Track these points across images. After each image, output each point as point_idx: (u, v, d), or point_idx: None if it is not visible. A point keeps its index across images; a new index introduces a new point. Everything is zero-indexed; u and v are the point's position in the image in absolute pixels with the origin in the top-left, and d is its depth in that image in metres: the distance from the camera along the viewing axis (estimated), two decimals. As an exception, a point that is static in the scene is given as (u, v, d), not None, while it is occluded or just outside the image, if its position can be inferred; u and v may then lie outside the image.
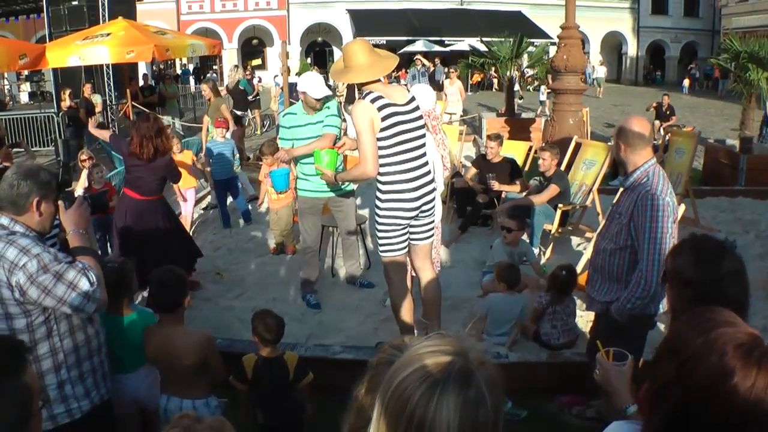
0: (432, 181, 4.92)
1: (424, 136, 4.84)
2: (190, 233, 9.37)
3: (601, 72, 36.35)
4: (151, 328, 3.86)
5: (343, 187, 6.15)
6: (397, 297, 5.11)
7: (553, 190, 8.02)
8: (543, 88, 25.66)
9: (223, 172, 9.60)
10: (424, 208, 4.82)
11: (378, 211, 4.81)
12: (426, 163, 4.84)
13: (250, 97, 16.23)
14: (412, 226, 4.89)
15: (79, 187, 7.67)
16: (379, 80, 4.73)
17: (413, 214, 4.78)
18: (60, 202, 3.24)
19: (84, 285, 3.01)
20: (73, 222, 3.26)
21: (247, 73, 16.79)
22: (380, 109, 4.52)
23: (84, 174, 7.92)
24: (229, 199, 9.96)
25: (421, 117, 4.85)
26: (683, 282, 2.47)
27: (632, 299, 3.83)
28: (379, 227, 4.85)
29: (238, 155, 10.51)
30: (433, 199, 4.93)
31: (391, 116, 4.55)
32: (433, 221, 5.06)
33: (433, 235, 5.16)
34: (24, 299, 2.96)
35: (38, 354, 3.10)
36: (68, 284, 2.99)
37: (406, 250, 5.01)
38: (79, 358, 3.25)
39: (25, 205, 3.09)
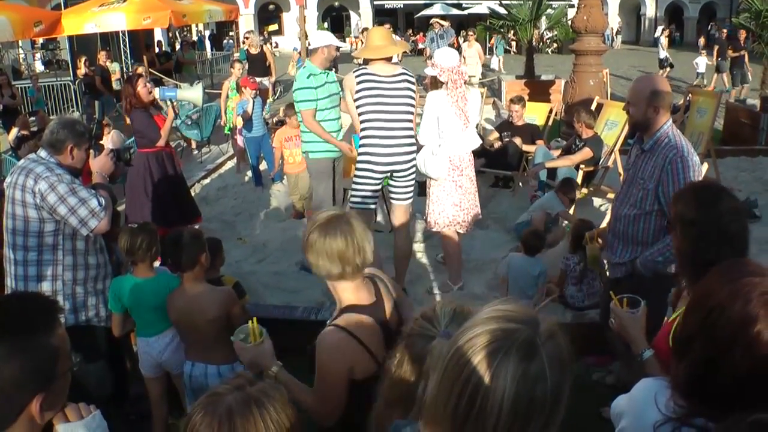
0: (412, 152, 5.52)
1: (407, 105, 5.49)
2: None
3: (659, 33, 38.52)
4: (173, 294, 3.90)
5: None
6: None
7: (585, 153, 7.94)
8: (701, 59, 22.14)
9: (254, 129, 9.69)
10: (398, 168, 5.49)
11: (357, 164, 5.57)
12: (410, 135, 5.50)
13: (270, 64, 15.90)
14: (390, 185, 5.70)
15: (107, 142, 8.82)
16: (383, 59, 5.53)
17: (386, 169, 5.47)
18: (91, 151, 4.06)
19: (93, 203, 3.74)
20: (100, 167, 4.16)
21: (246, 40, 16.19)
22: (357, 76, 5.40)
23: (109, 136, 9.47)
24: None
25: (406, 90, 5.48)
26: (687, 222, 2.53)
27: (666, 253, 3.65)
28: (355, 178, 5.60)
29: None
30: (411, 167, 5.57)
31: (365, 81, 5.38)
32: (411, 186, 5.71)
33: (410, 198, 5.79)
34: (44, 204, 3.69)
35: (42, 259, 3.85)
36: (80, 199, 3.72)
37: (374, 207, 5.85)
38: (75, 276, 3.95)
39: (61, 149, 3.84)
